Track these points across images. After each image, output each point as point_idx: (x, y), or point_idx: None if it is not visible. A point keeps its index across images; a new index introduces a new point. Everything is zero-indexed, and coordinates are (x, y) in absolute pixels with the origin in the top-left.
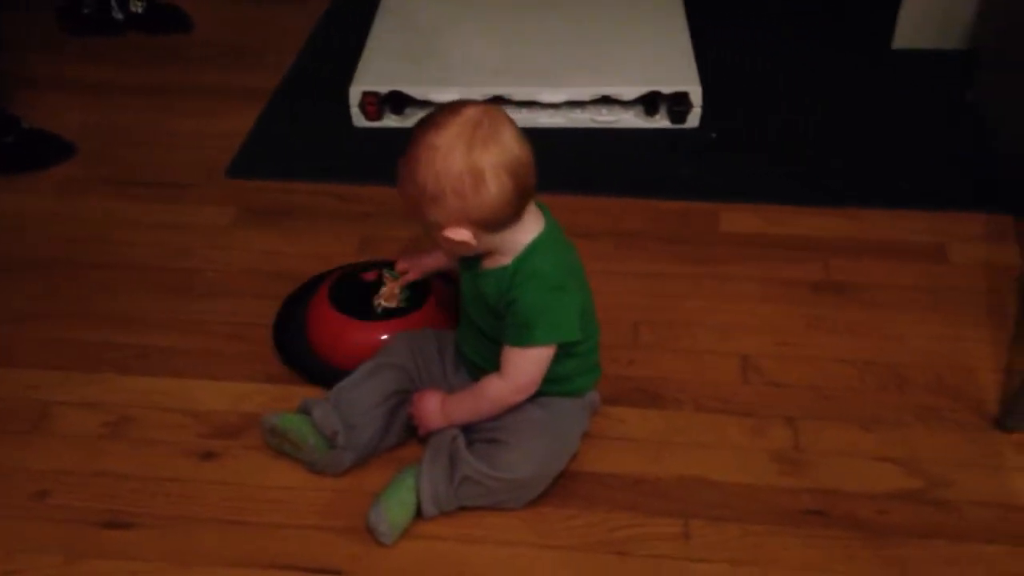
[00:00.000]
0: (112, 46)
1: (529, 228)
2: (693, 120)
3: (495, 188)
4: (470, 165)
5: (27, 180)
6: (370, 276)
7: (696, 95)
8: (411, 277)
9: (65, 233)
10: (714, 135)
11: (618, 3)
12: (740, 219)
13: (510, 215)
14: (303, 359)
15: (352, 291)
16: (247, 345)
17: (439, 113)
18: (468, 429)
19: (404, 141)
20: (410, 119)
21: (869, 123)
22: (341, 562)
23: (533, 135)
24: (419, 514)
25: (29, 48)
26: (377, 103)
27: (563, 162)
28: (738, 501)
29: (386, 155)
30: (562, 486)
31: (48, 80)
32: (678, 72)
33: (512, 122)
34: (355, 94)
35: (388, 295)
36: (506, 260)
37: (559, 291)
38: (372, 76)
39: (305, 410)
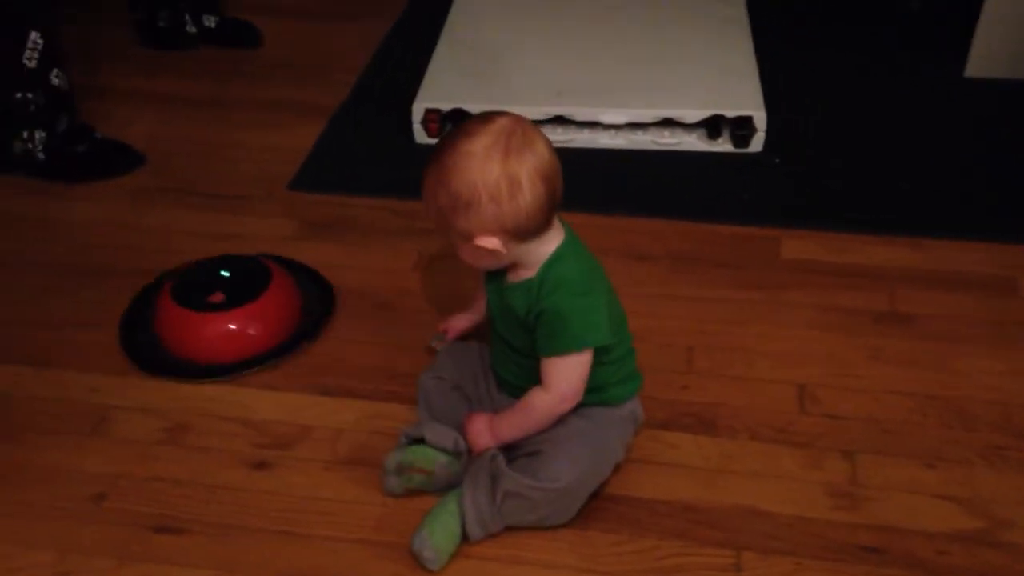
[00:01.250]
0: (184, 59)
1: (552, 239)
2: (757, 145)
3: (530, 195)
4: (507, 171)
5: (97, 188)
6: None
7: (760, 120)
8: (451, 337)
9: (131, 241)
10: (778, 160)
11: (684, 25)
12: (801, 246)
13: (541, 222)
14: (151, 352)
15: (194, 285)
16: (304, 357)
17: (470, 123)
18: (507, 448)
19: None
20: None
21: (939, 151)
22: None
23: (593, 156)
24: (465, 537)
25: (104, 59)
26: (439, 120)
27: (623, 183)
28: (792, 534)
29: None
30: (611, 510)
31: (121, 91)
32: (742, 96)
33: (542, 132)
34: (418, 111)
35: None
36: (531, 272)
37: (586, 296)
38: (435, 93)
39: (411, 440)
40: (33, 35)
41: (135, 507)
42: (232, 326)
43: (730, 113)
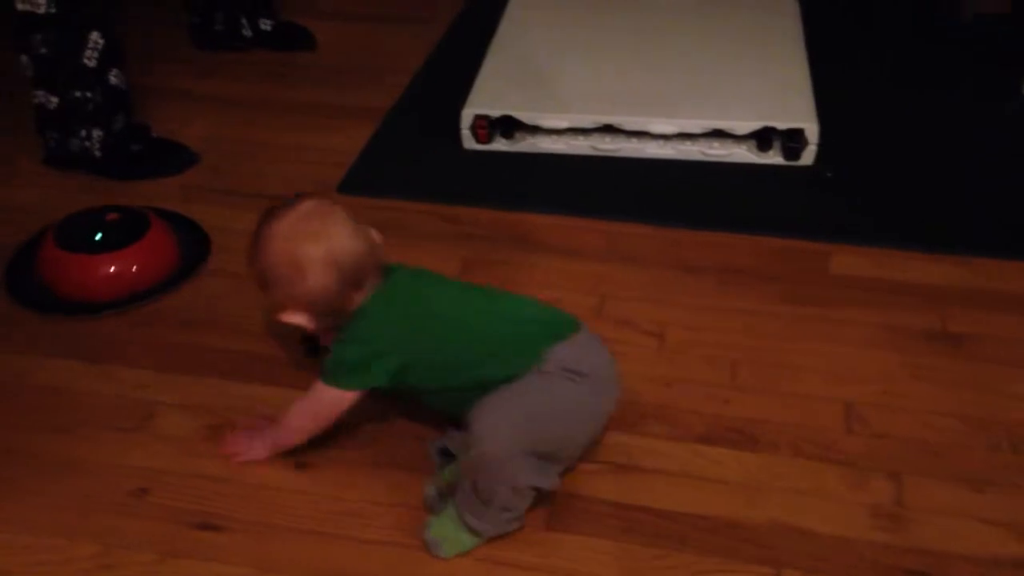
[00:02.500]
0: (239, 61)
1: (359, 300)
2: (808, 158)
3: (316, 279)
4: (294, 257)
5: (152, 187)
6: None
7: (812, 132)
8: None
9: None
10: (829, 174)
11: (735, 35)
12: (852, 262)
13: (339, 300)
14: (34, 294)
15: (76, 230)
16: None
17: (280, 205)
18: None
19: (507, 165)
20: (519, 143)
21: (993, 171)
22: None
23: (641, 166)
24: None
25: (162, 60)
26: (488, 126)
27: (671, 194)
28: (834, 554)
29: (493, 178)
30: (652, 524)
31: (177, 91)
32: (794, 108)
33: (346, 217)
34: (467, 117)
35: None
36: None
37: (356, 342)
38: (485, 100)
39: (440, 453)
40: (94, 35)
41: (177, 503)
42: (112, 267)
43: (781, 125)
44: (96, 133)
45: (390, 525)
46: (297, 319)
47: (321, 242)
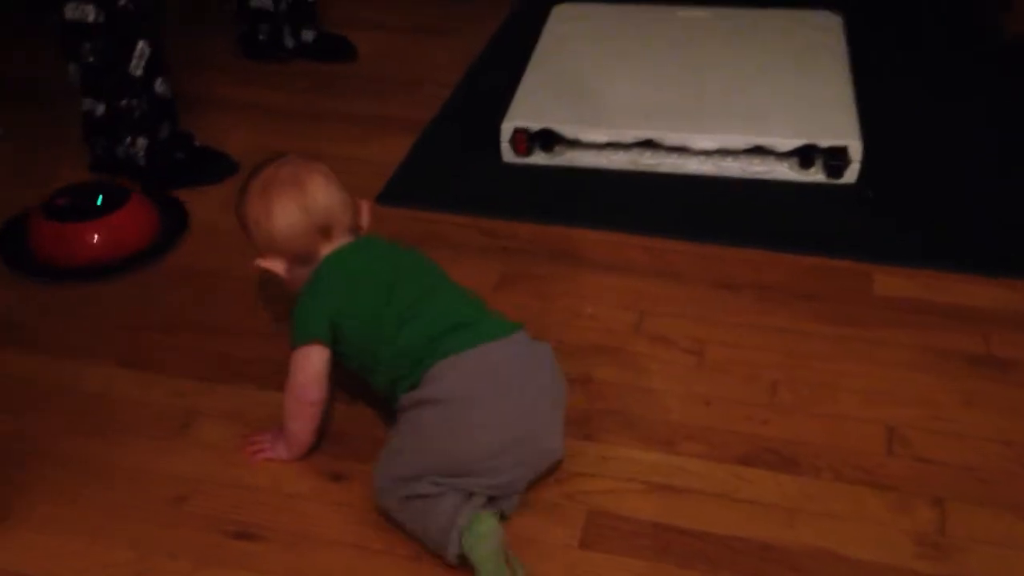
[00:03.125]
0: (281, 71)
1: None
2: (850, 176)
3: (283, 220)
4: (266, 200)
5: (193, 195)
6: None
7: (855, 150)
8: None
9: (221, 247)
10: (872, 193)
11: (778, 52)
12: (895, 282)
13: (306, 246)
14: (26, 262)
15: (63, 204)
16: None
17: (265, 161)
18: None
19: (546, 179)
20: (559, 157)
21: None
22: None
23: (681, 182)
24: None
25: (206, 70)
26: (528, 139)
27: (710, 210)
28: None
29: (533, 191)
30: (687, 545)
31: (221, 100)
32: (837, 125)
33: (326, 175)
34: (507, 130)
35: None
36: None
37: (306, 295)
38: (525, 113)
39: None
40: (141, 44)
41: (214, 511)
42: (96, 235)
43: (824, 142)
44: (141, 141)
45: None
46: (271, 264)
47: (292, 187)
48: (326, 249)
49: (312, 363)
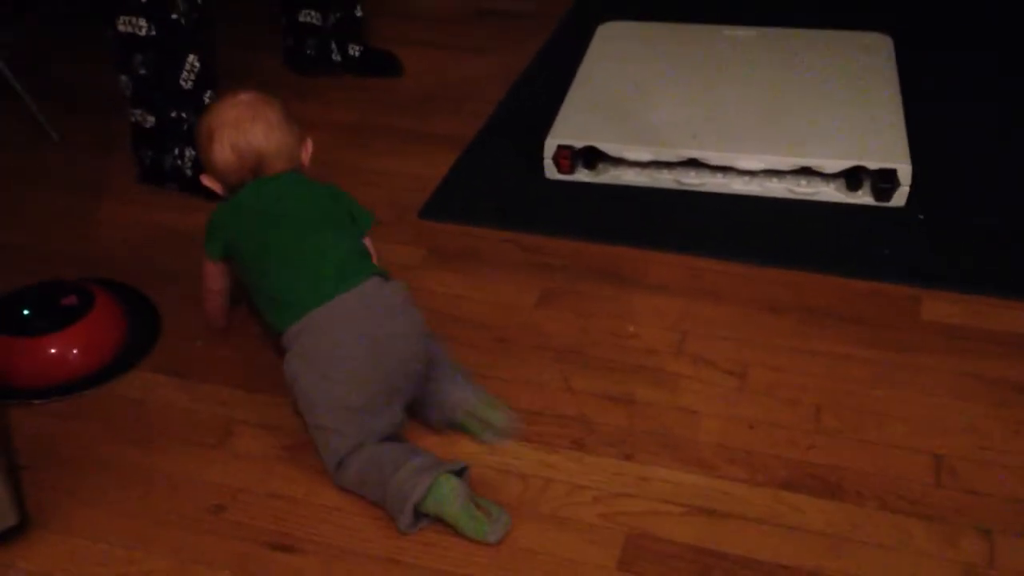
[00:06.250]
0: (328, 85)
1: None
2: (899, 199)
3: (219, 155)
4: (210, 130)
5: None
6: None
7: (905, 173)
8: None
9: None
10: (921, 216)
11: (826, 72)
12: (943, 308)
13: (237, 178)
14: None
15: (13, 312)
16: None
17: (229, 92)
18: None
19: (589, 197)
20: (602, 175)
21: None
22: None
23: (726, 201)
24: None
25: (254, 83)
26: (571, 157)
27: (754, 231)
28: None
29: (575, 208)
30: (730, 572)
31: None
32: (886, 147)
33: (267, 121)
34: (550, 147)
35: None
36: None
37: (212, 218)
38: (568, 130)
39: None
40: (191, 58)
41: (253, 521)
42: (52, 350)
43: (872, 165)
44: (189, 152)
45: (464, 559)
46: (211, 183)
47: (233, 128)
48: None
49: (209, 272)
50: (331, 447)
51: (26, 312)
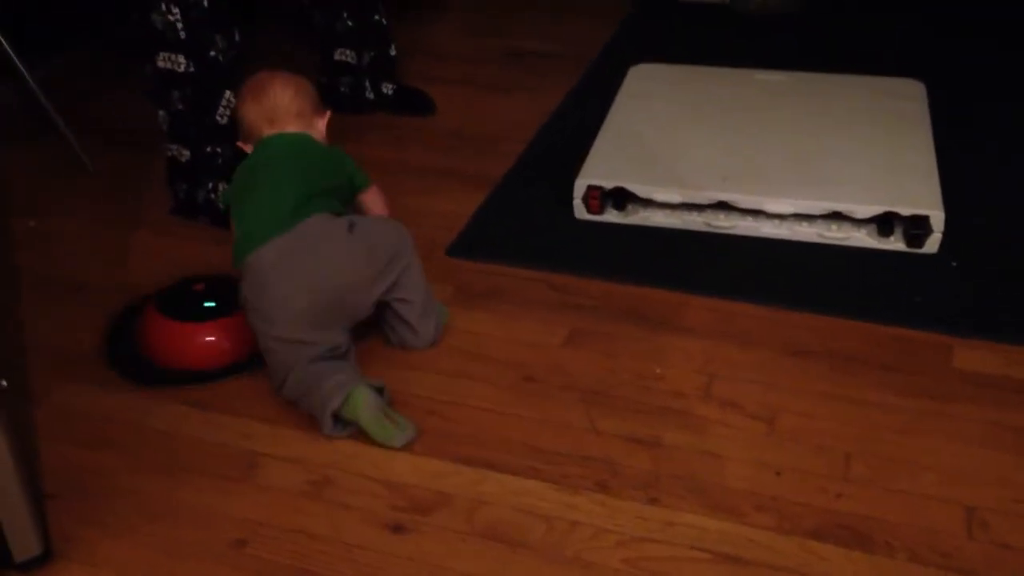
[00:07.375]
0: (360, 122)
1: None
2: (932, 246)
3: (241, 112)
4: (243, 90)
5: None
6: (199, 287)
7: (938, 220)
8: None
9: None
10: (955, 264)
11: (857, 117)
12: (976, 356)
13: (257, 131)
14: (136, 364)
15: (179, 299)
16: (444, 423)
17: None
18: None
19: (618, 237)
20: (632, 216)
21: None
22: None
23: (755, 244)
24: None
25: None
26: (600, 197)
27: (784, 275)
28: None
29: (604, 249)
30: None
31: None
32: (919, 193)
33: (284, 81)
34: (580, 187)
35: None
36: None
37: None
38: (598, 171)
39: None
40: (227, 94)
41: (274, 557)
42: (210, 337)
43: (905, 211)
44: (222, 186)
45: None
46: (244, 146)
47: (257, 84)
48: (267, 132)
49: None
50: (272, 368)
51: (207, 304)
